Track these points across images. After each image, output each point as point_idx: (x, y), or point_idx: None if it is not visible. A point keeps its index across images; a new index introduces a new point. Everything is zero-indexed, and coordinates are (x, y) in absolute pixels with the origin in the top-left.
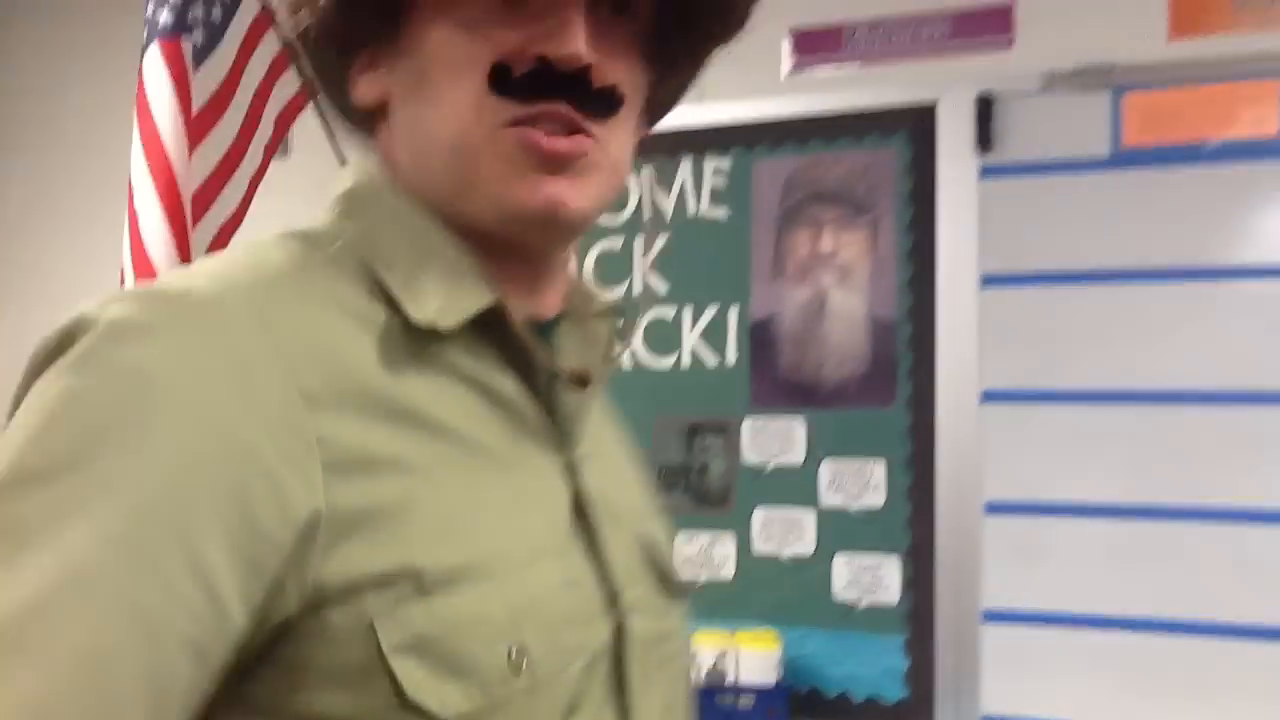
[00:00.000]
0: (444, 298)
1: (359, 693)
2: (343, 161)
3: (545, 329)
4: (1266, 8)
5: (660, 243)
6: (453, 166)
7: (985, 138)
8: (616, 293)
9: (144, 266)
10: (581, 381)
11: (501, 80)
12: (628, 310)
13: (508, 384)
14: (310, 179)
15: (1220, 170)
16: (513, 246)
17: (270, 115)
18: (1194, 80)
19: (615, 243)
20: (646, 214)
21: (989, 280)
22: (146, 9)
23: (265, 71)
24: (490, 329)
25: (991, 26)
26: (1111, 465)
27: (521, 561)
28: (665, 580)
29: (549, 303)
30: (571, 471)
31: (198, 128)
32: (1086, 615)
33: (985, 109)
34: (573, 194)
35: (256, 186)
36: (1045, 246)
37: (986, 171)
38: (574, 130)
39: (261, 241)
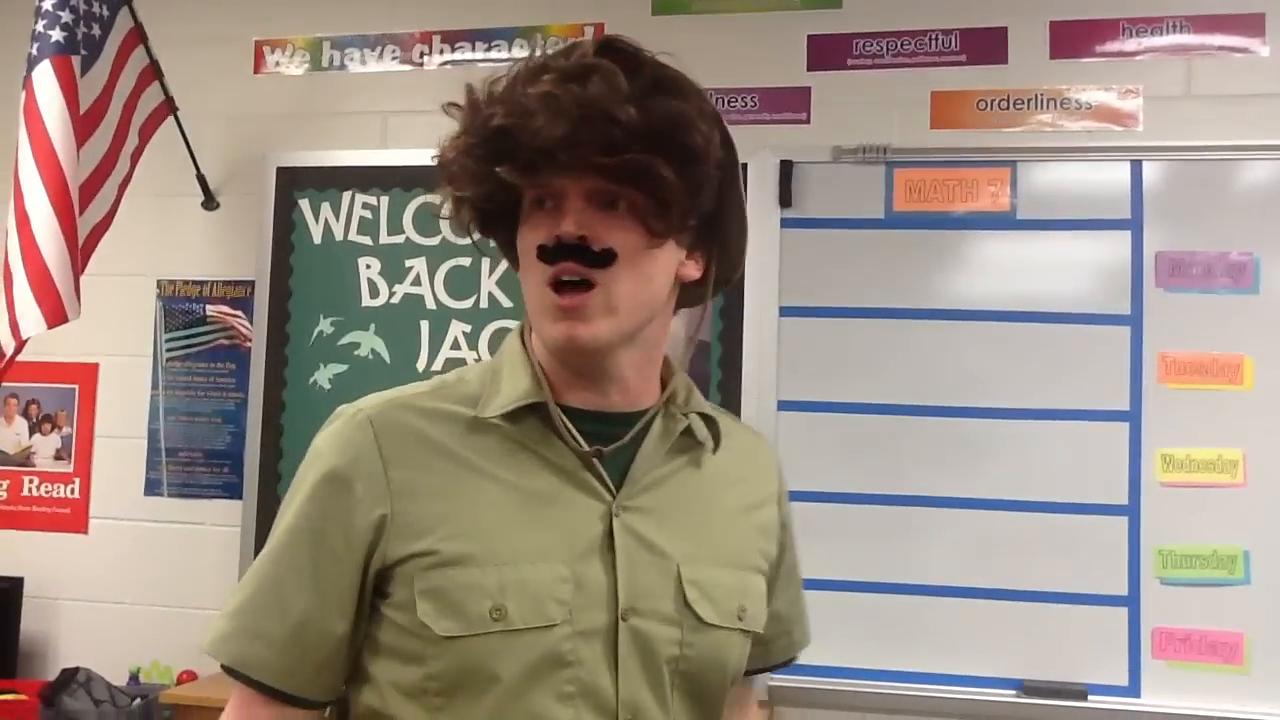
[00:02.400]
0: (503, 400)
1: (408, 615)
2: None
3: (632, 417)
4: (1001, 113)
5: (504, 264)
6: (533, 315)
7: (786, 195)
8: (460, 304)
9: (33, 257)
10: (597, 455)
11: (542, 253)
12: (716, 419)
13: (559, 450)
14: (234, 226)
15: (966, 234)
16: (567, 361)
17: (136, 125)
18: (948, 163)
19: (465, 261)
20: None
21: (787, 311)
22: (36, 25)
23: (133, 84)
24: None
25: (792, 105)
26: (875, 463)
27: (521, 558)
28: (689, 608)
29: (618, 399)
30: (610, 515)
31: (84, 126)
32: (852, 581)
33: (786, 172)
34: (581, 330)
35: (124, 191)
36: (832, 286)
37: (786, 223)
38: (583, 277)
39: (448, 374)
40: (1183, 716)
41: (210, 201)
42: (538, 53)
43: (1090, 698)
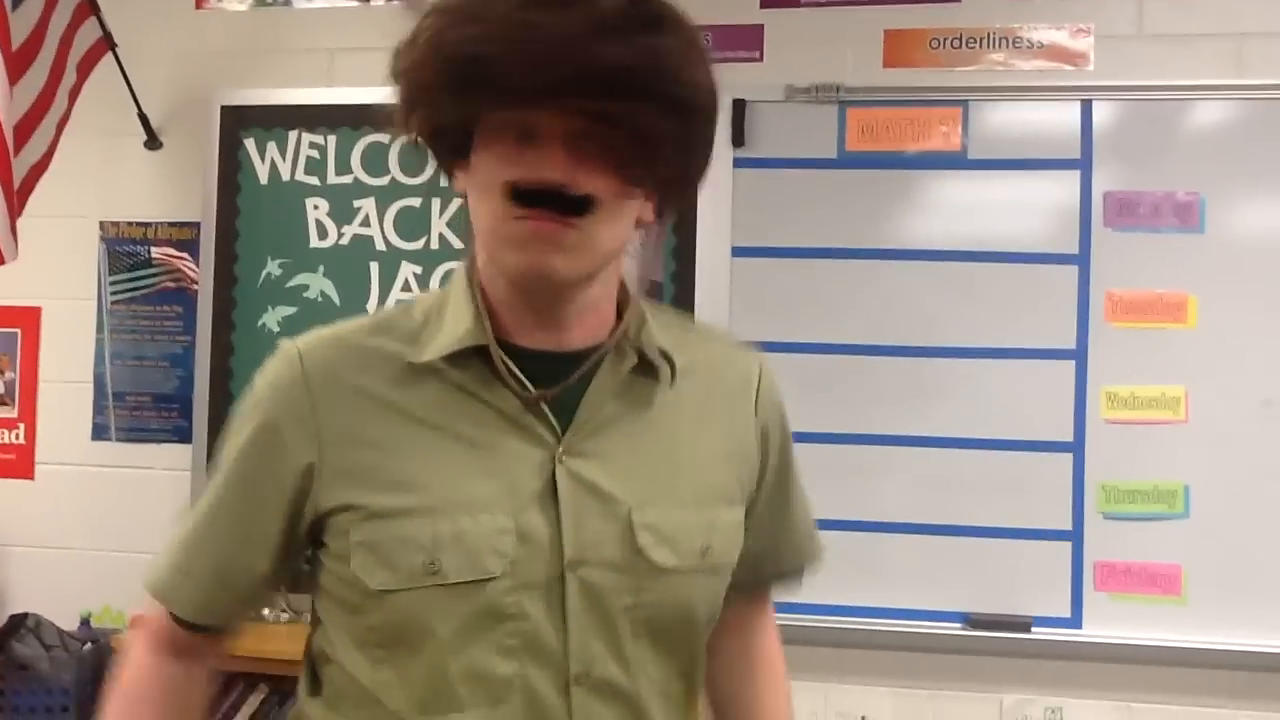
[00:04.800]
0: (443, 342)
1: (344, 567)
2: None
3: (584, 356)
4: (953, 52)
5: (455, 203)
6: (489, 245)
7: (739, 135)
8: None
9: None
10: (539, 399)
11: (515, 194)
12: (670, 352)
13: (501, 395)
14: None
15: (917, 174)
16: (529, 294)
17: (73, 62)
18: (900, 102)
19: (415, 201)
20: (444, 177)
21: (739, 251)
22: None
23: (69, 19)
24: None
25: (745, 43)
26: (826, 402)
27: (459, 510)
28: (641, 554)
29: (573, 337)
30: (553, 461)
31: (17, 63)
32: None
33: (739, 111)
34: (556, 260)
35: (63, 130)
36: (784, 226)
37: (739, 163)
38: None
39: (393, 307)
40: (1123, 646)
41: (153, 141)
42: None
43: (1034, 629)
